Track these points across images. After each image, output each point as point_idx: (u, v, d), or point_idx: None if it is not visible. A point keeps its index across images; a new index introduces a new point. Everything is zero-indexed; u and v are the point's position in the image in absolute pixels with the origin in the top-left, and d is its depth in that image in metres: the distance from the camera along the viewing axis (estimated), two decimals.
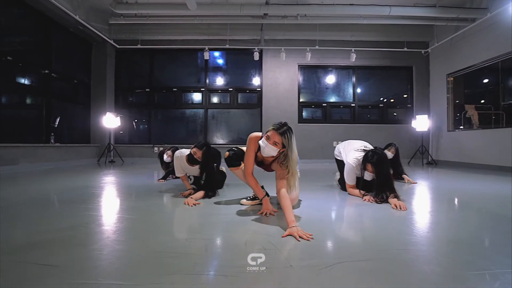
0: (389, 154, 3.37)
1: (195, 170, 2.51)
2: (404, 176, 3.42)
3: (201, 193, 2.27)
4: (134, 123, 7.10)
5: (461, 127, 6.02)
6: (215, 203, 2.15)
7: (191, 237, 1.42)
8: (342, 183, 2.74)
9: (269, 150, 1.68)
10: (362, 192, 2.32)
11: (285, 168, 1.68)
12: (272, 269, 1.02)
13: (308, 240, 1.33)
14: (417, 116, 6.35)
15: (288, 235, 1.37)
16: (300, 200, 2.15)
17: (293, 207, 1.93)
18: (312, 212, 1.89)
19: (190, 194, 2.30)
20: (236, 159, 2.02)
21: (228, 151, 2.05)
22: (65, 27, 5.67)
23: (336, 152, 2.87)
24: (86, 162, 6.08)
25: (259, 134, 1.83)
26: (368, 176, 2.28)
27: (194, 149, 2.35)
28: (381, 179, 2.19)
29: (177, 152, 2.54)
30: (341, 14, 5.31)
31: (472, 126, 5.79)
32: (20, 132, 4.79)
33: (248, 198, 2.06)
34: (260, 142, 1.73)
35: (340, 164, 2.76)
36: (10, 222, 1.63)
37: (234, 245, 1.29)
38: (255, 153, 1.87)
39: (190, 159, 2.40)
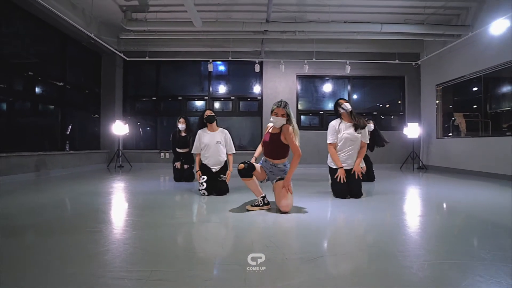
0: (371, 126, 4.31)
1: (216, 135, 3.34)
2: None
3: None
4: (139, 127, 7.49)
5: (450, 134, 6.42)
6: (227, 211, 2.54)
7: (210, 237, 1.80)
8: (334, 189, 3.15)
9: (280, 121, 2.41)
10: (339, 165, 3.01)
11: (290, 124, 2.41)
12: (271, 260, 1.40)
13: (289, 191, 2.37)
14: (408, 124, 6.75)
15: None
16: (294, 207, 2.54)
17: (288, 212, 2.34)
18: (304, 217, 2.28)
19: (200, 176, 3.22)
20: (249, 170, 2.41)
21: (242, 163, 2.42)
22: (77, 41, 6.06)
23: (328, 160, 3.28)
24: (96, 168, 6.46)
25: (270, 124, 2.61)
26: (345, 106, 3.03)
27: (206, 112, 3.42)
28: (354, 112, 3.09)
29: (199, 130, 3.39)
30: (336, 30, 5.71)
31: (460, 133, 6.18)
32: (39, 141, 5.18)
33: (253, 204, 2.45)
34: (271, 119, 2.43)
35: (332, 170, 3.18)
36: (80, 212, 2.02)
37: (243, 243, 1.68)
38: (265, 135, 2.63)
39: (208, 119, 3.36)
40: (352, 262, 1.42)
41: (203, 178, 3.21)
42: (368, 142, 3.23)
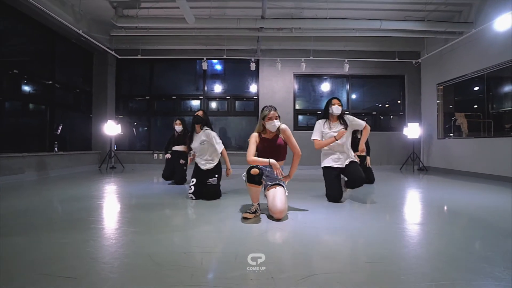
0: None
1: (200, 135, 3.16)
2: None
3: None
4: (132, 127, 7.30)
5: (451, 134, 6.24)
6: (219, 221, 2.34)
7: (208, 249, 1.61)
8: (327, 193, 3.00)
9: (277, 123, 2.41)
10: (333, 140, 2.94)
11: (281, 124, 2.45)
12: (256, 280, 1.22)
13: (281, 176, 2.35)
14: (408, 124, 6.57)
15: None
16: (287, 214, 2.35)
17: (282, 219, 2.19)
18: (297, 227, 2.09)
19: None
20: (261, 177, 2.20)
21: (255, 167, 2.18)
22: (67, 38, 5.87)
23: (322, 160, 3.17)
24: (87, 169, 6.26)
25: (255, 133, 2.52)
26: (336, 109, 3.03)
27: (198, 112, 3.33)
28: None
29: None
30: (334, 27, 5.52)
31: (461, 134, 6.00)
32: (25, 141, 4.98)
33: (250, 211, 2.27)
34: (267, 125, 2.43)
35: (325, 172, 3.08)
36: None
37: (234, 254, 1.49)
38: (256, 144, 2.47)
39: (196, 120, 3.18)
40: (349, 282, 1.23)
41: (193, 181, 3.07)
42: (363, 128, 3.08)
